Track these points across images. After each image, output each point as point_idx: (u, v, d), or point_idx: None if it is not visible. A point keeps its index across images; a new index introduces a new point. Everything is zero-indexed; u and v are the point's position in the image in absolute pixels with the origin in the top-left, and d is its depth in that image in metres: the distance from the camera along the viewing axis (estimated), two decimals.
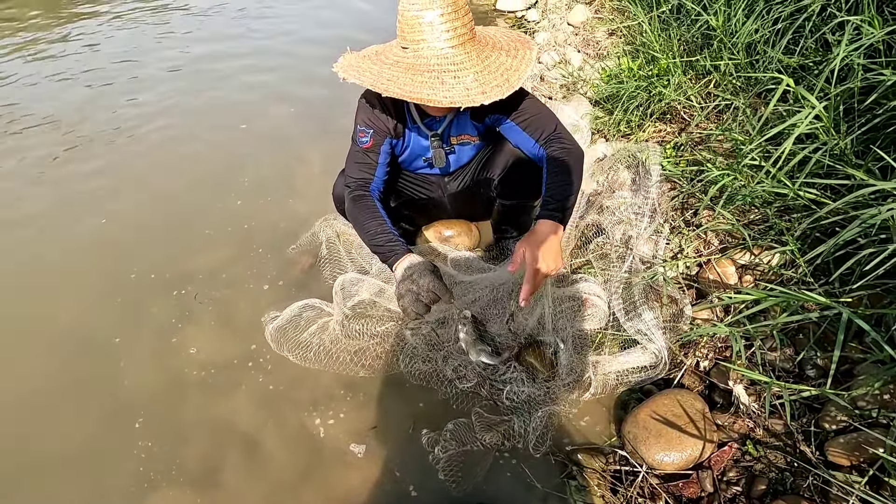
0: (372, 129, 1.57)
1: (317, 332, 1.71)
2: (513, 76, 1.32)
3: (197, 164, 2.77)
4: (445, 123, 1.62)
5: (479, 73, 1.29)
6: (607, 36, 3.06)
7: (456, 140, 1.67)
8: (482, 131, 1.65)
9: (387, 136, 1.60)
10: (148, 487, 1.40)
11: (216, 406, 1.59)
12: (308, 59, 3.84)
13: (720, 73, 1.87)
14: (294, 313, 1.74)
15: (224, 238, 2.24)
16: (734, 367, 1.25)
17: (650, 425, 1.30)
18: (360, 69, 1.37)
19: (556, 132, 1.49)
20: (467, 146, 1.69)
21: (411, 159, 1.73)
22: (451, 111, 1.59)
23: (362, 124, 1.58)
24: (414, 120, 1.60)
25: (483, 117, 1.59)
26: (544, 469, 1.36)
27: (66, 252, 2.24)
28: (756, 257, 1.48)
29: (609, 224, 1.86)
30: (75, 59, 4.04)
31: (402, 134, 1.62)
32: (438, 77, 1.27)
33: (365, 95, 1.60)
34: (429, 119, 1.60)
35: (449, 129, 1.64)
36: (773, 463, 1.18)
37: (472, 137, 1.66)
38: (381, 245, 1.48)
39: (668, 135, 2.07)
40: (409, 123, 1.62)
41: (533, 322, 1.67)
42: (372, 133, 1.57)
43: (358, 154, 1.60)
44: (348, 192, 1.60)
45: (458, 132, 1.65)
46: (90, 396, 1.65)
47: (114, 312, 1.93)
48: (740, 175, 1.47)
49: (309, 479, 1.40)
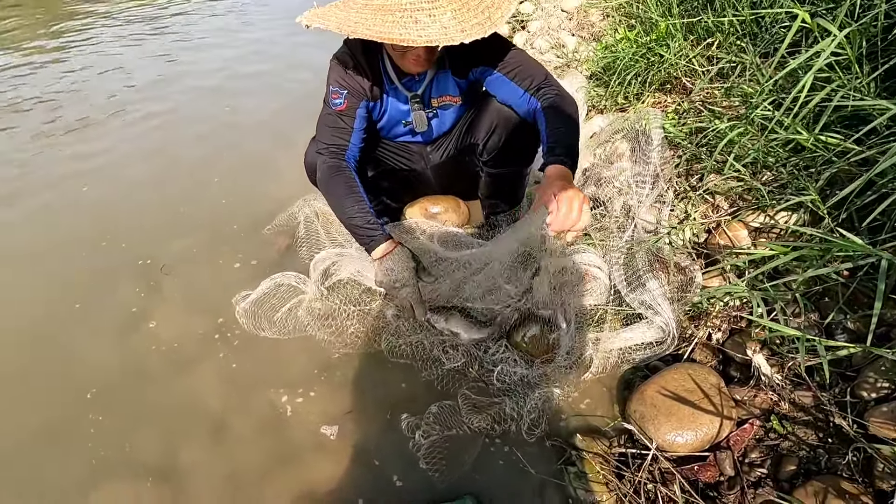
0: (346, 90, 1.43)
1: (292, 308, 1.56)
2: (495, 13, 1.20)
3: (180, 145, 2.71)
4: (426, 83, 1.48)
5: (457, 10, 1.16)
6: (602, 18, 2.95)
7: (437, 102, 1.53)
8: (465, 89, 1.51)
9: (363, 98, 1.46)
10: (102, 474, 1.24)
11: (176, 385, 1.44)
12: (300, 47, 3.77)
13: (723, 34, 1.75)
14: (268, 288, 1.59)
15: (199, 216, 2.12)
16: (761, 321, 1.07)
17: (659, 402, 1.15)
18: (325, 15, 1.24)
19: (547, 80, 1.36)
20: (449, 108, 1.55)
21: (390, 125, 1.59)
22: (431, 68, 1.46)
23: (335, 84, 1.44)
24: (391, 80, 1.46)
25: (466, 72, 1.45)
26: (539, 455, 1.20)
27: (41, 220, 2.19)
28: (771, 218, 1.33)
29: (608, 195, 1.72)
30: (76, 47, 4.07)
31: (380, 96, 1.49)
32: (411, 16, 1.14)
33: (337, 55, 1.46)
34: (407, 78, 1.47)
35: (430, 89, 1.51)
36: (803, 440, 1.02)
37: (454, 98, 1.52)
38: (359, 227, 1.37)
39: (668, 105, 1.94)
40: (386, 84, 1.48)
41: (544, 293, 1.51)
42: (346, 94, 1.44)
43: (330, 117, 1.46)
44: (321, 159, 1.46)
45: (440, 93, 1.52)
46: (41, 372, 1.51)
47: (77, 280, 1.84)
48: (751, 126, 1.34)
49: (279, 467, 1.24)
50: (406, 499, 1.15)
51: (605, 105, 2.15)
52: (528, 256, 1.61)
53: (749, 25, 1.66)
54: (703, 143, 1.57)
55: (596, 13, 3.01)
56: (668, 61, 1.86)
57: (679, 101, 1.86)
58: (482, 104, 1.55)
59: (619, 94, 2.07)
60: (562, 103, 1.31)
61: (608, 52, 2.18)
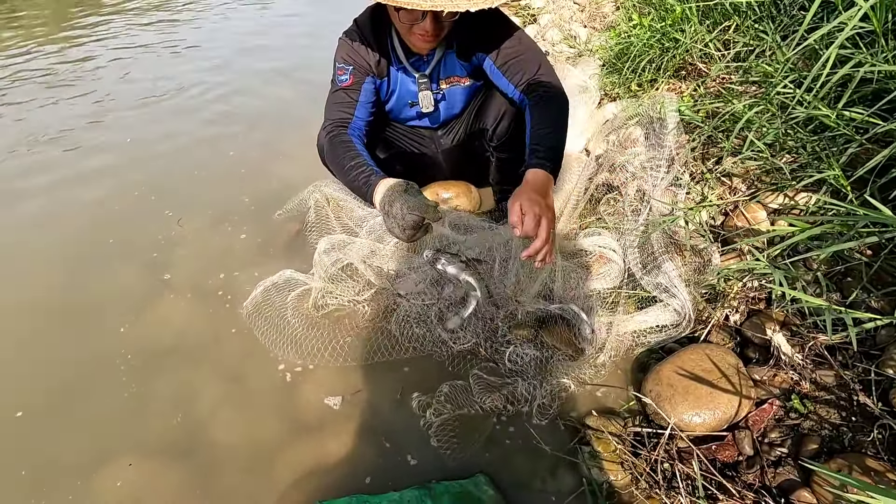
0: (351, 66, 1.43)
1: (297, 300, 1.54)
2: None
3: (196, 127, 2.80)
4: (434, 63, 1.47)
5: None
6: (615, 9, 2.93)
7: (446, 83, 1.52)
8: (471, 71, 1.50)
9: (368, 73, 1.45)
10: (107, 454, 1.23)
11: (182, 367, 1.42)
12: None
13: (740, 17, 1.72)
14: (268, 285, 1.56)
15: (211, 198, 2.14)
16: (786, 290, 1.03)
17: (675, 382, 1.12)
18: None
19: (537, 76, 1.34)
20: (457, 88, 1.54)
21: (399, 106, 1.58)
22: (439, 47, 1.45)
23: (341, 61, 1.44)
24: (399, 59, 1.46)
25: (470, 56, 1.44)
26: (552, 435, 1.18)
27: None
28: (791, 199, 1.30)
29: (621, 181, 1.70)
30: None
31: (387, 73, 1.48)
32: None
33: (345, 32, 1.46)
34: (415, 58, 1.46)
35: (437, 70, 1.50)
36: (826, 419, 0.99)
37: (462, 79, 1.51)
38: (356, 179, 1.33)
39: (683, 91, 1.91)
40: (394, 62, 1.47)
41: (536, 289, 1.50)
42: (351, 70, 1.43)
43: (337, 94, 1.46)
44: (325, 134, 1.46)
45: (448, 73, 1.51)
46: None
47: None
48: (771, 105, 1.31)
49: (289, 444, 1.22)
50: (417, 477, 1.13)
51: (619, 93, 2.12)
52: None
53: (768, 8, 1.63)
54: (719, 125, 1.54)
55: (608, 4, 2.99)
56: (684, 46, 1.83)
57: (694, 85, 1.84)
58: (490, 90, 1.54)
59: (632, 82, 2.05)
60: (549, 103, 1.30)
61: (622, 39, 2.16)
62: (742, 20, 1.72)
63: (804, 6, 1.55)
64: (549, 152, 1.25)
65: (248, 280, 1.65)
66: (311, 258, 1.63)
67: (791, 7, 1.58)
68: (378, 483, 1.13)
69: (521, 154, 1.65)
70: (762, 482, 0.96)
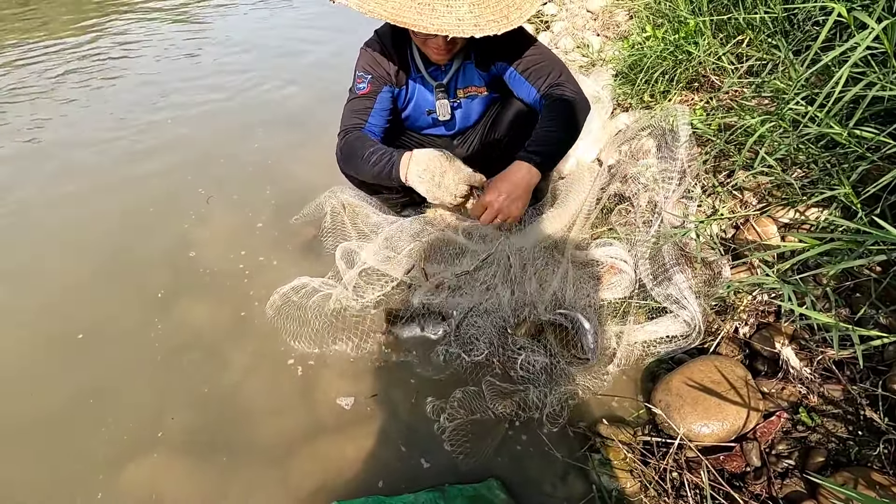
0: (370, 75, 1.47)
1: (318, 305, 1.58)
2: (513, 13, 1.22)
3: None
4: (451, 74, 1.51)
5: (475, 5, 1.19)
6: (628, 18, 2.95)
7: (463, 92, 1.56)
8: (488, 81, 1.54)
9: (386, 82, 1.49)
10: (131, 451, 1.28)
11: (203, 365, 1.47)
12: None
13: (754, 31, 1.74)
14: (291, 289, 1.61)
15: (227, 204, 2.20)
16: (793, 306, 1.06)
17: (684, 392, 1.15)
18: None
19: (559, 81, 1.37)
20: (475, 99, 1.58)
21: (416, 115, 1.62)
22: (457, 58, 1.48)
23: (361, 70, 1.49)
24: (418, 69, 1.50)
25: (488, 66, 1.48)
26: (563, 442, 1.21)
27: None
28: (801, 214, 1.32)
29: (633, 191, 1.73)
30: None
31: (406, 82, 1.52)
32: (429, 4, 1.18)
33: (366, 43, 1.50)
34: (433, 68, 1.50)
35: (455, 80, 1.54)
36: (833, 433, 1.01)
37: (479, 88, 1.55)
38: (380, 160, 1.36)
39: (696, 103, 1.93)
40: (412, 72, 1.51)
41: (548, 296, 1.53)
42: (370, 79, 1.48)
43: (353, 102, 1.51)
44: (339, 139, 1.50)
45: (466, 83, 1.54)
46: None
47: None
48: (783, 122, 1.33)
49: (304, 445, 1.26)
50: (430, 480, 1.17)
51: (631, 103, 2.15)
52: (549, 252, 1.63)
53: (781, 23, 1.65)
54: (731, 139, 1.56)
55: (621, 13, 3.01)
56: (697, 59, 1.85)
57: (707, 98, 1.86)
58: (506, 100, 1.57)
59: (645, 93, 2.08)
60: (564, 106, 1.34)
61: (635, 50, 2.18)
62: (755, 34, 1.74)
63: (818, 22, 1.57)
64: (542, 148, 1.31)
65: (267, 264, 1.82)
66: (326, 261, 1.68)
67: (805, 23, 1.60)
68: (392, 485, 1.16)
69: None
70: (769, 493, 0.98)
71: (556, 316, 1.45)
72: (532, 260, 1.63)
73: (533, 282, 1.59)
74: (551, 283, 1.56)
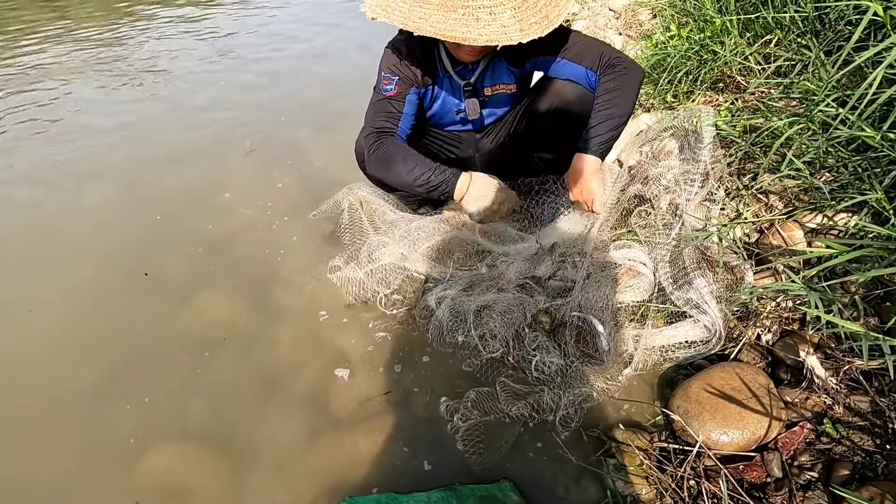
0: (397, 76, 1.47)
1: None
2: (552, 11, 1.21)
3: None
4: (479, 72, 1.50)
5: (517, 8, 1.18)
6: (651, 17, 2.91)
7: (490, 90, 1.55)
8: (519, 78, 1.52)
9: (413, 84, 1.49)
10: (148, 441, 1.30)
11: (217, 362, 1.49)
12: None
13: (782, 31, 1.70)
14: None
15: (244, 200, 2.21)
16: (821, 313, 1.04)
17: (704, 399, 1.13)
18: (389, 7, 1.27)
19: (614, 58, 1.38)
20: (501, 96, 1.56)
21: (442, 113, 1.61)
22: (485, 57, 1.47)
23: (387, 71, 1.47)
24: (445, 69, 1.49)
25: (523, 62, 1.46)
26: (577, 445, 1.20)
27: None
28: (829, 219, 1.29)
29: (654, 193, 1.70)
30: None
31: (432, 82, 1.51)
32: (472, 14, 1.17)
33: (392, 42, 1.50)
34: (460, 67, 1.49)
35: (482, 78, 1.52)
36: (859, 445, 0.98)
37: (508, 86, 1.54)
38: (430, 179, 1.40)
39: (720, 104, 1.89)
40: (440, 72, 1.51)
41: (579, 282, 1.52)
42: (397, 80, 1.47)
43: (380, 103, 1.50)
44: (370, 142, 1.49)
45: (493, 82, 1.53)
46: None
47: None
48: (812, 124, 1.30)
49: (321, 442, 1.27)
50: (442, 480, 1.16)
51: (653, 103, 2.11)
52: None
53: (812, 22, 1.61)
54: (757, 141, 1.52)
55: (645, 12, 2.96)
56: (722, 59, 1.81)
57: (732, 99, 1.82)
58: (541, 88, 1.55)
59: (668, 93, 2.04)
60: (619, 85, 1.35)
61: (658, 50, 2.15)
62: (784, 34, 1.69)
63: (851, 21, 1.52)
64: (600, 137, 1.37)
65: (287, 257, 1.88)
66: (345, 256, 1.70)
67: (837, 22, 1.55)
68: (405, 483, 1.16)
69: (564, 157, 1.67)
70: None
71: (572, 317, 1.44)
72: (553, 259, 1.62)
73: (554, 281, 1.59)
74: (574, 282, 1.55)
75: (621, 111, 1.35)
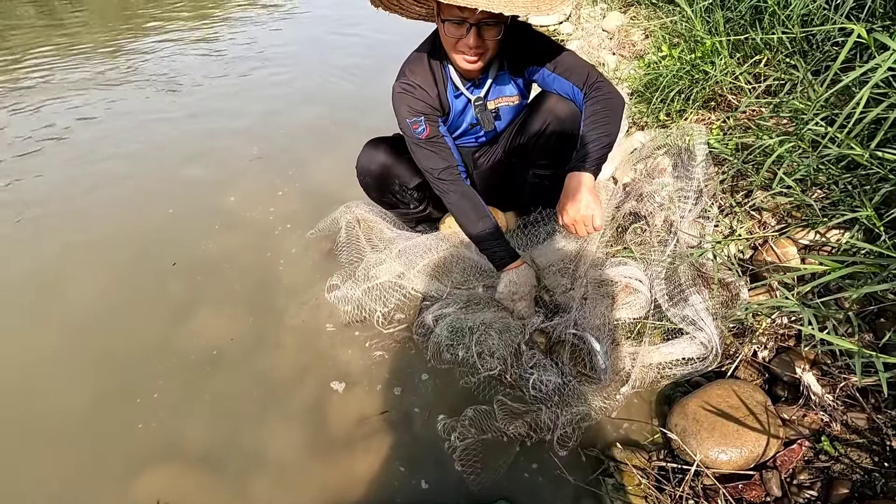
0: (421, 117, 1.48)
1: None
2: (543, 4, 1.23)
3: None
4: (487, 87, 1.53)
5: None
6: (644, 37, 2.97)
7: (494, 104, 1.58)
8: (522, 89, 1.56)
9: (437, 115, 1.52)
10: (145, 460, 1.29)
11: (215, 380, 1.48)
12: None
13: (771, 51, 1.73)
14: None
15: (244, 220, 2.22)
16: (814, 331, 1.05)
17: (701, 417, 1.12)
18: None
19: (598, 81, 1.40)
20: (507, 108, 1.60)
21: (452, 129, 1.64)
22: (491, 69, 1.50)
23: (408, 115, 1.48)
24: (456, 87, 1.51)
25: (522, 70, 1.50)
26: (575, 465, 1.19)
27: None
28: (822, 235, 1.30)
29: (648, 210, 1.71)
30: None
31: (448, 104, 1.55)
32: None
33: (398, 83, 1.50)
34: (469, 84, 1.52)
35: (490, 92, 1.55)
36: (857, 463, 0.98)
37: (512, 98, 1.57)
38: (492, 245, 1.54)
39: (712, 122, 1.92)
40: (450, 92, 1.53)
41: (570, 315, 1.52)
42: (423, 120, 1.48)
43: (424, 146, 1.52)
44: (443, 187, 1.54)
45: (497, 95, 1.56)
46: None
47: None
48: (802, 142, 1.32)
49: (319, 462, 1.26)
50: (439, 500, 1.15)
51: (647, 121, 2.14)
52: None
53: (799, 43, 1.64)
54: (749, 159, 1.55)
55: (637, 32, 3.02)
56: (714, 78, 1.85)
57: (724, 117, 1.84)
58: (534, 105, 1.58)
59: (661, 111, 2.07)
60: (604, 108, 1.37)
61: (650, 70, 2.19)
62: (773, 54, 1.73)
63: (838, 42, 1.56)
64: (591, 155, 1.37)
65: (285, 275, 1.88)
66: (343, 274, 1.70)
67: (823, 43, 1.59)
68: (402, 503, 1.15)
69: (559, 174, 1.69)
70: None
71: (569, 334, 1.44)
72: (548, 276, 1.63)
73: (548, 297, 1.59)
74: (570, 300, 1.56)
75: (610, 131, 1.37)
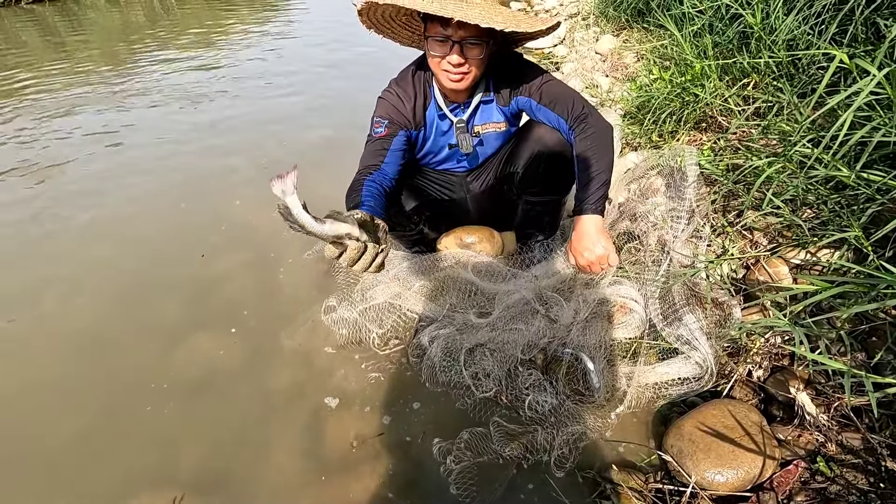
0: (387, 120, 1.52)
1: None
2: (522, 23, 1.26)
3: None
4: (470, 110, 1.56)
5: (486, 10, 1.23)
6: (636, 60, 3.03)
7: (481, 129, 1.60)
8: (509, 116, 1.58)
9: (403, 127, 1.53)
10: (141, 487, 1.27)
11: (207, 403, 1.48)
12: None
13: (759, 74, 1.78)
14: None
15: (241, 240, 2.24)
16: (804, 352, 1.06)
17: (697, 438, 1.12)
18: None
19: (583, 113, 1.41)
20: (493, 135, 1.62)
21: (435, 151, 1.66)
22: (476, 94, 1.53)
23: (378, 117, 1.52)
24: (439, 106, 1.54)
25: (508, 99, 1.53)
26: (572, 487, 1.18)
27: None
28: (812, 255, 1.31)
29: (642, 230, 1.73)
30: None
31: (424, 122, 1.57)
32: (441, 4, 1.22)
33: (384, 91, 1.55)
34: (453, 105, 1.55)
35: (473, 117, 1.58)
36: (853, 484, 0.98)
37: (498, 124, 1.60)
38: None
39: (703, 143, 1.96)
40: (433, 111, 1.56)
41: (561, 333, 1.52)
42: (387, 123, 1.52)
43: (372, 144, 1.53)
44: (356, 176, 1.53)
45: (483, 120, 1.59)
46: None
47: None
48: (790, 163, 1.34)
49: (303, 489, 1.25)
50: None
51: (640, 142, 2.18)
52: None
53: (786, 66, 1.68)
54: (740, 179, 1.57)
55: (629, 55, 3.09)
56: (704, 101, 1.89)
57: (715, 139, 1.88)
58: (523, 134, 1.61)
59: (653, 132, 2.11)
60: (595, 141, 1.37)
61: (643, 92, 2.23)
62: (761, 77, 1.77)
63: (822, 66, 1.60)
64: (592, 195, 1.36)
65: (282, 299, 1.87)
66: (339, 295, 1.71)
67: (809, 67, 1.63)
68: None
69: (549, 199, 1.71)
70: None
71: (563, 353, 1.44)
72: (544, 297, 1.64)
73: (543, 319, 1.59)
74: (563, 319, 1.56)
75: (605, 166, 1.38)
